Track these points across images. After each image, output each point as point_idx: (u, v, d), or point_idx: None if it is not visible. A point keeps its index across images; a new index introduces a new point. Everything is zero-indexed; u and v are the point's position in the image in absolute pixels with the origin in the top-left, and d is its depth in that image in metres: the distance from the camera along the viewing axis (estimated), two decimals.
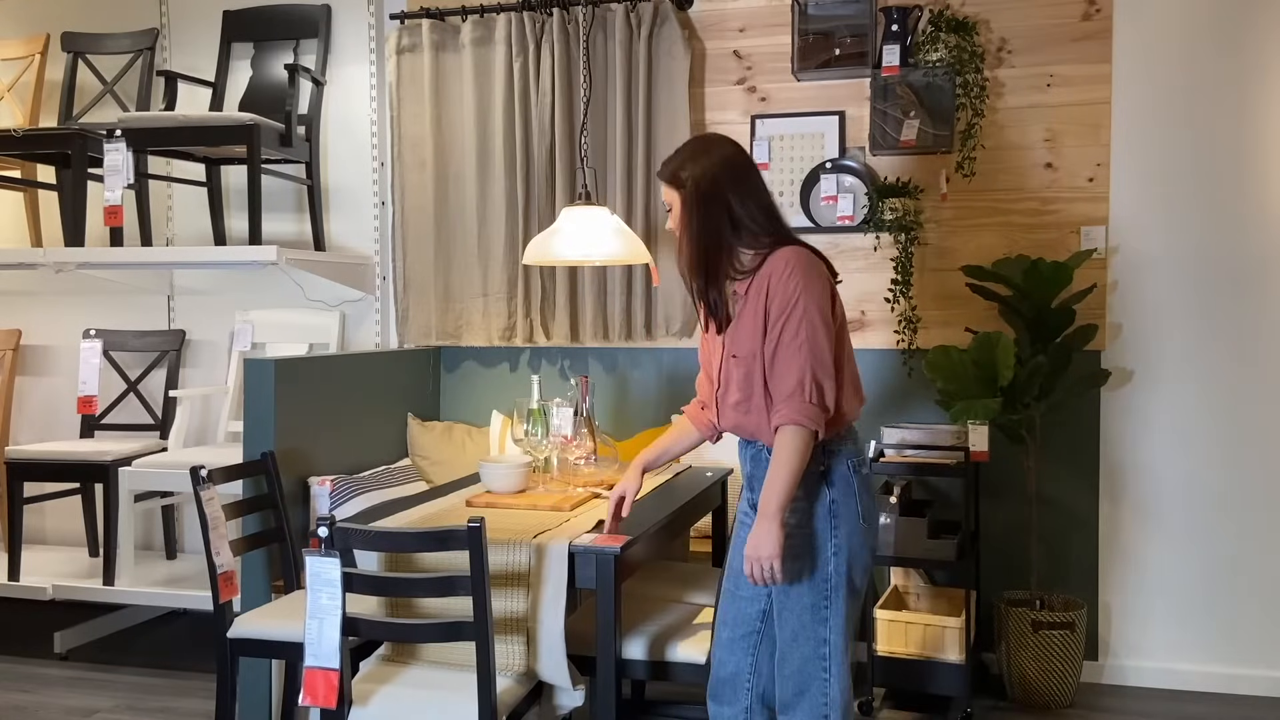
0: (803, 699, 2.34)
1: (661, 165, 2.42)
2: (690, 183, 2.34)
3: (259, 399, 3.39)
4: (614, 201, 4.02)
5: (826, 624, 2.32)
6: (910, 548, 3.48)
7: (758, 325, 2.28)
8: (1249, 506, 3.71)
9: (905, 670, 3.47)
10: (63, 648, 4.15)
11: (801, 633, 2.33)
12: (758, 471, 2.38)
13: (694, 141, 2.47)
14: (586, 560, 2.51)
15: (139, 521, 4.35)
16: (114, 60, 4.52)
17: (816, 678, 2.33)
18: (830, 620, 2.32)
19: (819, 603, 2.31)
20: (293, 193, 4.44)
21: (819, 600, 2.31)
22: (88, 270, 4.24)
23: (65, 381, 4.69)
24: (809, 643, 2.32)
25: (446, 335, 4.27)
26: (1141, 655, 3.80)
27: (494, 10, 4.12)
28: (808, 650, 2.32)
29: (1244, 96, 3.66)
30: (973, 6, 3.82)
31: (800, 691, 2.34)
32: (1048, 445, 3.78)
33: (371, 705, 2.41)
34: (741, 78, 4.07)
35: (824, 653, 2.32)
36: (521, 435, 3.03)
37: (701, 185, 2.33)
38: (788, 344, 2.23)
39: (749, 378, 2.30)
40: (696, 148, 2.41)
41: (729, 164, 2.35)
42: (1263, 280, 3.68)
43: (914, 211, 3.84)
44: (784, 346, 2.24)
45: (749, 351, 2.29)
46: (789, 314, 2.23)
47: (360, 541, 2.40)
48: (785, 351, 2.24)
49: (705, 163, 2.35)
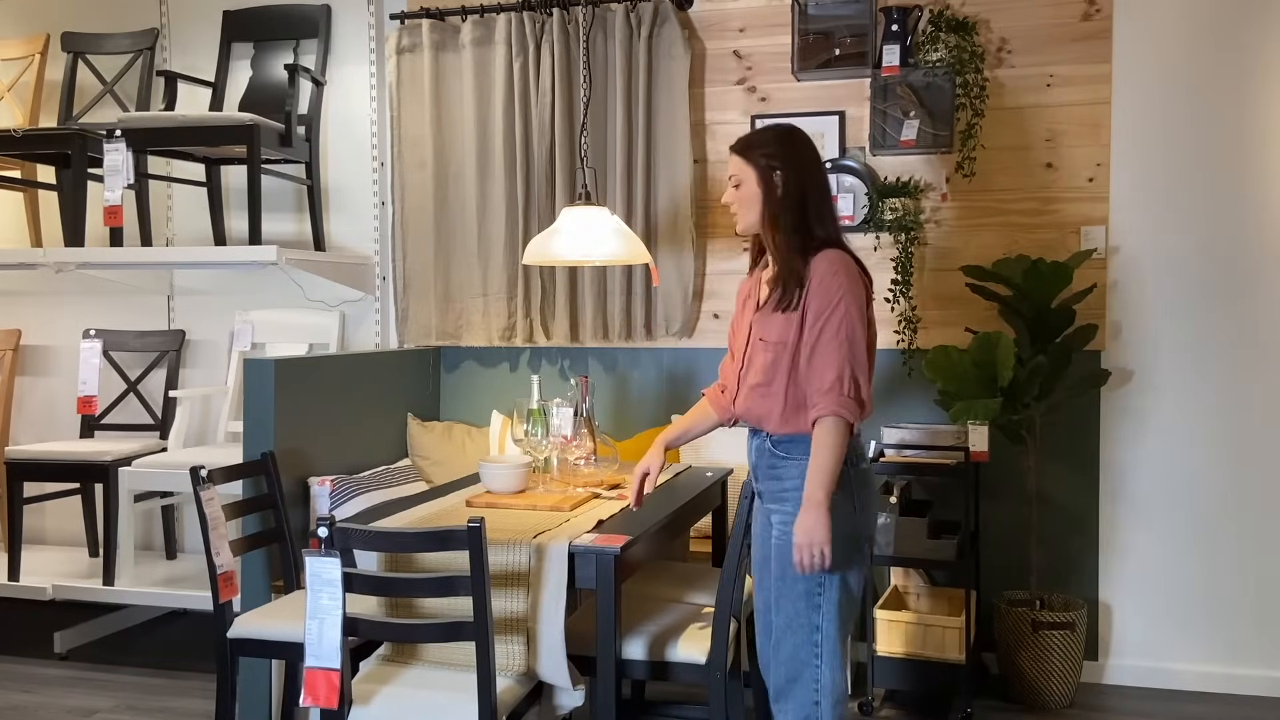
0: (795, 686, 2.40)
1: (746, 143, 2.48)
2: (782, 163, 2.42)
3: (259, 399, 3.39)
4: (614, 201, 4.02)
5: (819, 610, 2.37)
6: (910, 548, 3.48)
7: (791, 317, 2.36)
8: (1249, 506, 3.71)
9: (905, 670, 3.47)
10: (63, 648, 4.15)
11: (796, 619, 2.38)
12: (760, 462, 2.47)
13: (780, 128, 2.53)
14: (586, 560, 2.51)
15: (139, 521, 4.35)
16: (114, 60, 4.52)
17: (809, 664, 2.38)
18: (824, 608, 2.38)
19: (813, 590, 2.37)
20: (293, 193, 4.44)
21: (813, 587, 2.37)
22: (88, 270, 4.24)
23: (65, 381, 4.69)
24: (802, 630, 2.38)
25: (446, 335, 4.27)
26: (1141, 655, 3.80)
27: (494, 10, 4.12)
28: (801, 637, 2.38)
29: (1244, 96, 3.66)
30: (973, 6, 3.82)
31: (793, 679, 2.40)
32: (1048, 445, 3.78)
33: (372, 705, 2.41)
34: (741, 78, 4.07)
35: (816, 639, 2.38)
36: (521, 435, 3.04)
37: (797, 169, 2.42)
38: (828, 340, 2.32)
39: (775, 364, 2.39)
40: (785, 133, 2.49)
41: (817, 160, 2.48)
42: (1263, 280, 3.68)
43: (914, 211, 3.84)
44: (825, 343, 2.32)
45: (779, 339, 2.38)
46: (831, 312, 2.32)
47: (360, 541, 2.40)
48: (826, 348, 2.32)
49: (802, 151, 2.45)
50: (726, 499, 3.47)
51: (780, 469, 2.43)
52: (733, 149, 2.48)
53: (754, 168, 2.44)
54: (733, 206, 2.49)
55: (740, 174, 2.46)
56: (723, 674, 2.63)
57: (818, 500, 2.28)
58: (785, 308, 2.38)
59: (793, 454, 2.41)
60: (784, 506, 2.41)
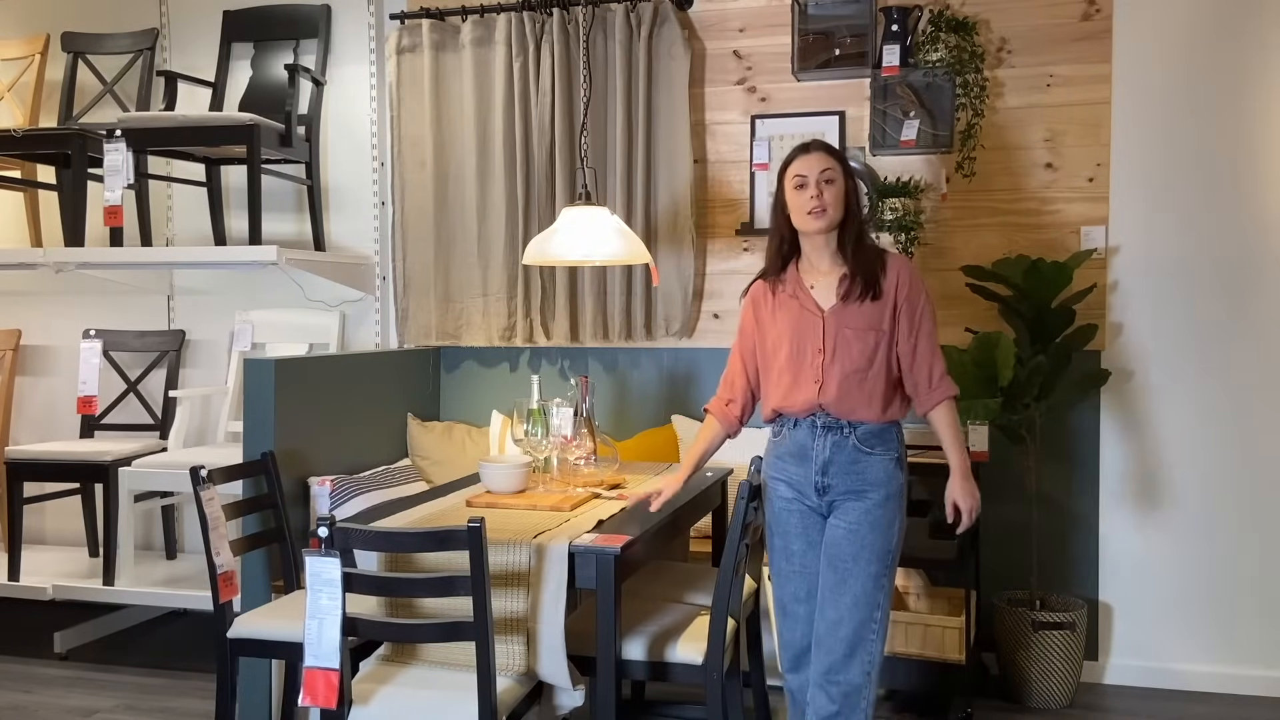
0: (853, 659, 2.59)
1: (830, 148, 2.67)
2: (855, 176, 2.71)
3: (259, 399, 3.39)
4: (614, 201, 4.02)
5: (884, 590, 2.61)
6: (910, 548, 3.47)
7: (881, 307, 2.61)
8: (1249, 506, 3.71)
9: (905, 670, 3.47)
10: (63, 648, 4.15)
11: (863, 598, 2.59)
12: (838, 458, 2.62)
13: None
14: (586, 560, 2.51)
15: (139, 521, 4.35)
16: (114, 60, 4.52)
17: (867, 639, 2.59)
18: (886, 588, 2.62)
19: (881, 573, 2.61)
20: (293, 193, 4.44)
21: (882, 570, 2.61)
22: (88, 270, 4.24)
23: (65, 381, 4.69)
24: (866, 608, 2.59)
25: (446, 335, 4.27)
26: (1141, 655, 3.80)
27: (494, 10, 4.12)
28: (864, 614, 2.59)
29: (1244, 96, 3.66)
30: (973, 6, 3.82)
31: (851, 653, 2.59)
32: (1048, 445, 3.78)
33: (372, 705, 2.41)
34: (741, 78, 4.07)
35: (876, 616, 2.60)
36: (521, 435, 3.03)
37: (859, 184, 2.73)
38: (929, 334, 2.65)
39: (875, 349, 2.60)
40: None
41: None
42: (1263, 280, 3.68)
43: (914, 211, 3.84)
44: (927, 336, 2.64)
45: (869, 326, 2.60)
46: (926, 310, 2.65)
47: (360, 541, 2.40)
48: (929, 341, 2.64)
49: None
50: (726, 499, 3.46)
51: (863, 463, 2.61)
52: (823, 149, 2.64)
53: (844, 169, 2.64)
54: (819, 204, 2.61)
55: (834, 173, 2.62)
56: (719, 674, 2.63)
57: (967, 470, 2.66)
58: (871, 297, 2.59)
59: (876, 449, 2.62)
60: (862, 502, 2.61)
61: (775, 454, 2.73)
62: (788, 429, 2.69)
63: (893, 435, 2.66)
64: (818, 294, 2.65)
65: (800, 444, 2.65)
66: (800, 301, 2.66)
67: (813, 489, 2.65)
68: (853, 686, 2.59)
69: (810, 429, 2.63)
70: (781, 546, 2.72)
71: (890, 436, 2.65)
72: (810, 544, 2.68)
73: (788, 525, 2.70)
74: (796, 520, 2.69)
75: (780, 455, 2.71)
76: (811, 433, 2.63)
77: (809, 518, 2.68)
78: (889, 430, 2.64)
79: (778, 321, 2.69)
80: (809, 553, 2.68)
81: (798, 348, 2.64)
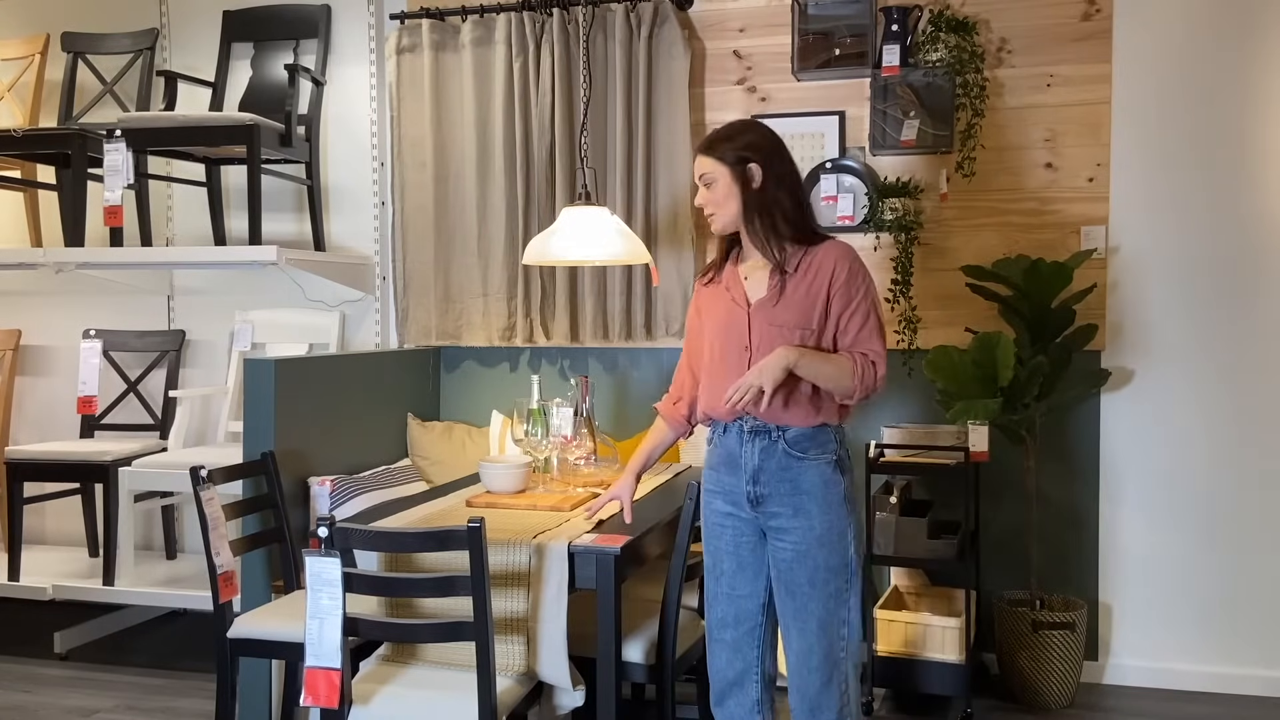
0: (830, 685, 2.43)
1: (712, 142, 2.47)
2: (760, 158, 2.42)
3: (259, 399, 3.39)
4: (614, 201, 4.02)
5: (847, 604, 2.44)
6: (910, 548, 3.48)
7: (812, 302, 2.40)
8: (1249, 506, 3.71)
9: (905, 670, 3.47)
10: (63, 648, 4.15)
11: (828, 620, 2.42)
12: (768, 465, 2.42)
13: (741, 122, 2.57)
14: (586, 560, 2.51)
15: (139, 521, 4.35)
16: (114, 60, 4.52)
17: (838, 659, 2.43)
18: (851, 601, 2.45)
19: (843, 587, 2.43)
20: (293, 193, 4.44)
21: (843, 585, 2.43)
22: (88, 270, 4.24)
23: (65, 381, 4.69)
24: (834, 627, 2.42)
25: (446, 335, 4.27)
26: (1141, 655, 3.80)
27: (494, 10, 4.12)
28: (832, 636, 2.42)
29: (1244, 96, 3.66)
30: (973, 6, 3.82)
31: (828, 680, 2.43)
32: (1048, 445, 3.78)
33: (372, 705, 2.41)
34: (741, 78, 4.07)
35: (844, 634, 2.44)
36: (521, 435, 3.04)
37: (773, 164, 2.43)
38: (867, 312, 2.42)
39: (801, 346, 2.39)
40: (749, 128, 2.50)
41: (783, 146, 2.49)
42: (1263, 280, 3.68)
43: (914, 211, 3.84)
44: (865, 314, 2.41)
45: (796, 324, 2.40)
46: (864, 292, 2.42)
47: (360, 541, 2.40)
48: (870, 321, 2.42)
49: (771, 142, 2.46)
50: None
51: (795, 470, 2.41)
52: (703, 149, 2.47)
53: (724, 165, 2.43)
54: (707, 208, 2.49)
55: (713, 174, 2.45)
56: (671, 671, 2.68)
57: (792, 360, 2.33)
58: (793, 293, 2.40)
59: (810, 453, 2.41)
60: (802, 519, 2.40)
61: (709, 464, 2.54)
62: (718, 435, 2.51)
63: (829, 437, 2.43)
64: (750, 286, 2.46)
65: (730, 451, 2.47)
66: (731, 295, 2.48)
67: (745, 500, 2.45)
68: (835, 712, 2.43)
69: (738, 435, 2.44)
70: (711, 565, 2.53)
71: (826, 439, 2.42)
72: (741, 565, 2.48)
73: (719, 543, 2.51)
74: (730, 538, 2.49)
75: (714, 465, 2.52)
76: (740, 438, 2.44)
77: (742, 536, 2.48)
78: (823, 433, 2.42)
79: (714, 316, 2.51)
80: (738, 575, 2.48)
81: (724, 345, 2.47)
